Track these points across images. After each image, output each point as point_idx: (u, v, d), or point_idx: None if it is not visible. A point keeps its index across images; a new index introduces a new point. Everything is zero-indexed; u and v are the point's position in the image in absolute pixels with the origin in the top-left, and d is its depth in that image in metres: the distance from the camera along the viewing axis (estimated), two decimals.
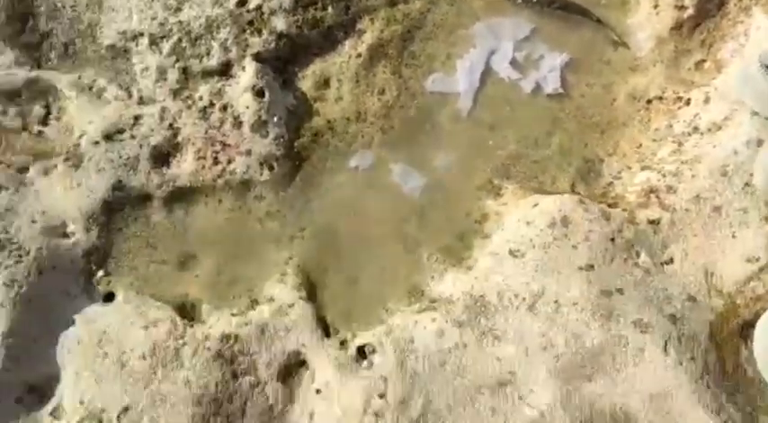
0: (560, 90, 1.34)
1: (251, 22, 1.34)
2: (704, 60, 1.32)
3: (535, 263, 1.16)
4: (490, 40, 1.38)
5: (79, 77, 1.34)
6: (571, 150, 1.32)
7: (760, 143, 1.14)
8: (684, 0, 1.31)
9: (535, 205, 1.22)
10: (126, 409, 1.15)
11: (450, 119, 1.35)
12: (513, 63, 1.36)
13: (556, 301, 1.13)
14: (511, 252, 1.19)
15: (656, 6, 1.34)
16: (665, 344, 1.07)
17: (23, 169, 1.28)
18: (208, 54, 1.33)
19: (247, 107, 1.30)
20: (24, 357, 1.19)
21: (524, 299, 1.15)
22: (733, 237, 1.14)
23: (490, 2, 1.39)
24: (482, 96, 1.36)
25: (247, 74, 1.31)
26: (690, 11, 1.31)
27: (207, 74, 1.33)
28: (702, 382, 1.06)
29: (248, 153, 1.30)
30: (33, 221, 1.25)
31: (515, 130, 1.34)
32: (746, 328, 1.11)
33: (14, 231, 1.24)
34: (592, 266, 1.14)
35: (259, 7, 1.34)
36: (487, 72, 1.37)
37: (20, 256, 1.22)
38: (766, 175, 1.14)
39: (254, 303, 1.25)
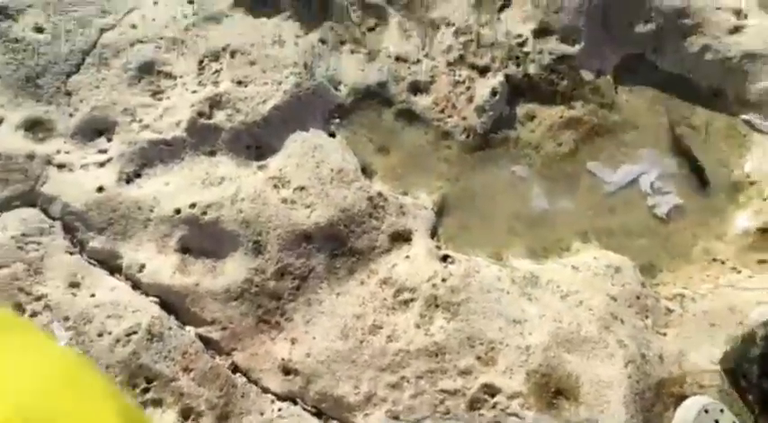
0: (664, 216, 1.88)
1: (517, 57, 2.01)
2: (766, 261, 1.82)
3: (583, 277, 1.67)
4: (647, 164, 1.96)
5: (405, 22, 2.06)
6: (647, 253, 1.83)
7: (761, 304, 1.62)
8: None
9: (606, 253, 1.74)
10: (302, 188, 1.75)
11: (589, 188, 1.92)
12: (652, 184, 1.93)
13: (581, 302, 1.63)
14: (572, 266, 1.71)
15: (757, 211, 1.87)
16: (628, 362, 1.54)
17: (343, 42, 2.00)
18: (481, 57, 2.00)
19: (482, 96, 1.95)
20: (271, 127, 1.83)
21: (562, 290, 1.65)
22: (712, 345, 1.60)
23: (660, 143, 1.98)
24: (620, 192, 1.93)
25: (495, 80, 1.97)
26: None
27: (472, 66, 1.99)
28: (635, 397, 1.50)
29: (463, 119, 1.93)
30: (327, 69, 1.94)
31: (623, 220, 1.88)
32: (682, 399, 1.54)
33: (315, 67, 1.92)
34: (615, 299, 1.64)
35: (527, 54, 2.01)
36: (635, 181, 1.94)
37: (311, 78, 1.90)
38: None
39: (404, 193, 1.84)
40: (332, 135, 1.89)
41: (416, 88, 1.97)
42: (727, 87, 2.04)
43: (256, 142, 1.83)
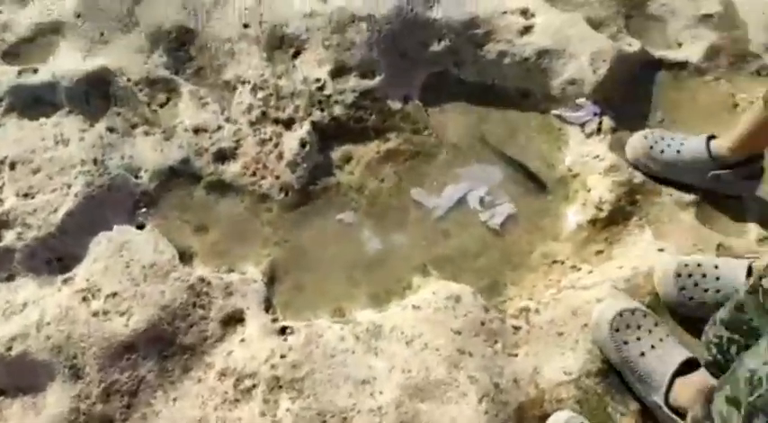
0: (498, 228, 1.85)
1: (320, 102, 1.94)
2: (602, 251, 1.82)
3: (425, 316, 1.62)
4: (472, 180, 1.93)
5: (197, 90, 1.96)
6: (488, 271, 1.80)
7: (601, 300, 1.61)
8: (603, 205, 1.84)
9: (445, 285, 1.70)
10: (114, 295, 1.62)
11: (419, 218, 1.88)
12: (481, 199, 1.90)
13: (426, 344, 1.57)
14: (413, 306, 1.65)
15: (584, 204, 1.88)
16: (482, 397, 1.48)
17: (134, 126, 1.87)
18: (284, 110, 1.93)
19: (291, 150, 1.87)
20: (69, 235, 1.69)
21: (406, 335, 1.59)
22: (562, 354, 1.57)
23: (481, 156, 1.97)
24: (451, 214, 1.89)
25: (302, 130, 1.90)
26: (604, 214, 1.84)
27: (276, 121, 1.92)
28: None
29: (277, 178, 1.85)
30: (122, 158, 1.81)
31: (458, 242, 1.84)
32: (544, 419, 1.50)
33: (107, 159, 1.80)
34: (460, 332, 1.58)
35: (329, 96, 1.95)
36: (463, 199, 1.91)
37: (104, 173, 1.77)
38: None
39: (230, 270, 1.73)
40: (141, 227, 1.76)
41: (223, 156, 1.88)
42: (533, 86, 2.05)
43: (56, 255, 1.68)
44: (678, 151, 1.86)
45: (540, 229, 1.88)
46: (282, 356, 1.56)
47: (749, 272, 1.56)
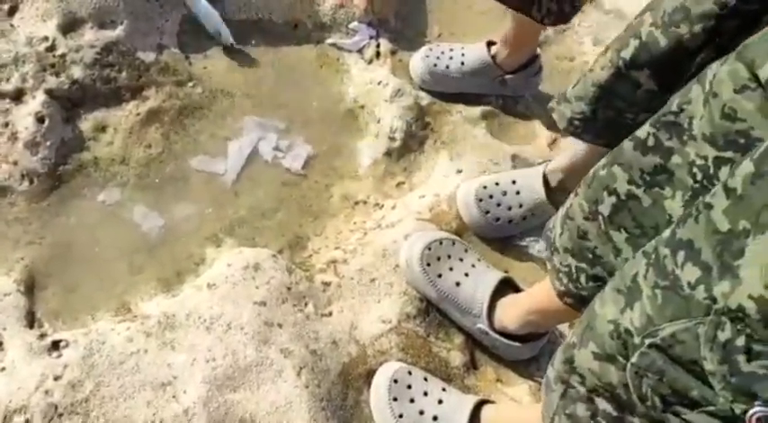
0: (302, 172, 1.68)
1: (53, 65, 1.61)
2: (403, 182, 1.72)
3: (222, 294, 1.42)
4: (259, 129, 1.72)
5: None
6: (288, 226, 1.63)
7: (407, 237, 1.51)
8: (395, 134, 1.73)
9: (240, 253, 1.50)
10: None
11: (207, 182, 1.64)
12: (277, 146, 1.70)
13: (229, 325, 1.38)
14: (208, 285, 1.45)
15: (376, 135, 1.75)
16: (300, 369, 1.34)
17: None
18: (8, 80, 1.58)
19: (26, 128, 1.54)
20: None
21: (205, 320, 1.39)
22: (378, 302, 1.46)
23: (259, 101, 1.76)
24: (242, 171, 1.67)
25: (35, 102, 1.57)
26: (398, 143, 1.73)
27: (1, 95, 1.57)
28: (321, 404, 1.32)
29: (15, 164, 1.52)
30: None
31: (251, 201, 1.64)
32: (371, 375, 1.39)
33: None
34: (264, 303, 1.41)
35: (63, 55, 1.63)
36: (254, 151, 1.70)
37: None
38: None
39: None
40: None
41: None
42: (301, 16, 1.86)
43: None
44: (462, 63, 1.78)
45: (335, 170, 1.73)
46: (57, 378, 1.30)
47: (545, 179, 1.53)
